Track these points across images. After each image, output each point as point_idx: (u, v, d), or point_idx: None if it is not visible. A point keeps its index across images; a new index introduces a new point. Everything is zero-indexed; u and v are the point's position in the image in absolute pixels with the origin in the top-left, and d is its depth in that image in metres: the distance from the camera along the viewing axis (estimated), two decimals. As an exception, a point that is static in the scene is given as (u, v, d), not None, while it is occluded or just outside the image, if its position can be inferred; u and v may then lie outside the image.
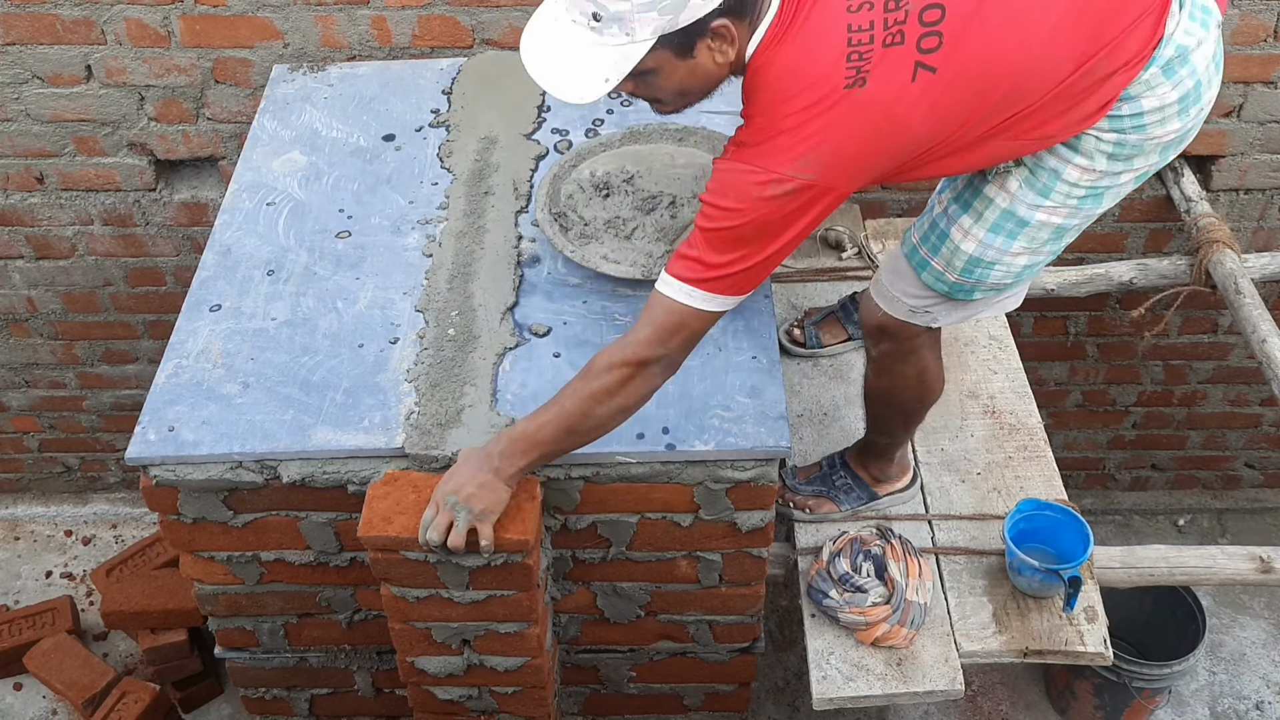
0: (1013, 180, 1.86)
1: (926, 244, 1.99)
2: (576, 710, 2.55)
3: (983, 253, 1.92)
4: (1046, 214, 1.87)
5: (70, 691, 3.20)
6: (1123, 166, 1.83)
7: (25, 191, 3.10)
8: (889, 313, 2.07)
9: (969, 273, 1.95)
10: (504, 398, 2.06)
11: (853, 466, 2.40)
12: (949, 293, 1.99)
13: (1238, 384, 3.54)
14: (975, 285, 1.97)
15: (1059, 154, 1.81)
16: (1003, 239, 1.90)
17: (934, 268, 1.98)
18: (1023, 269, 1.95)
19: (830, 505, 2.40)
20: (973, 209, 1.91)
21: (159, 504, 2.07)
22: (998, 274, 1.95)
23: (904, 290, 2.04)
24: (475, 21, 2.79)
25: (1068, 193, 1.85)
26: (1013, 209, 1.88)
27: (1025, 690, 3.39)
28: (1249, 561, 2.36)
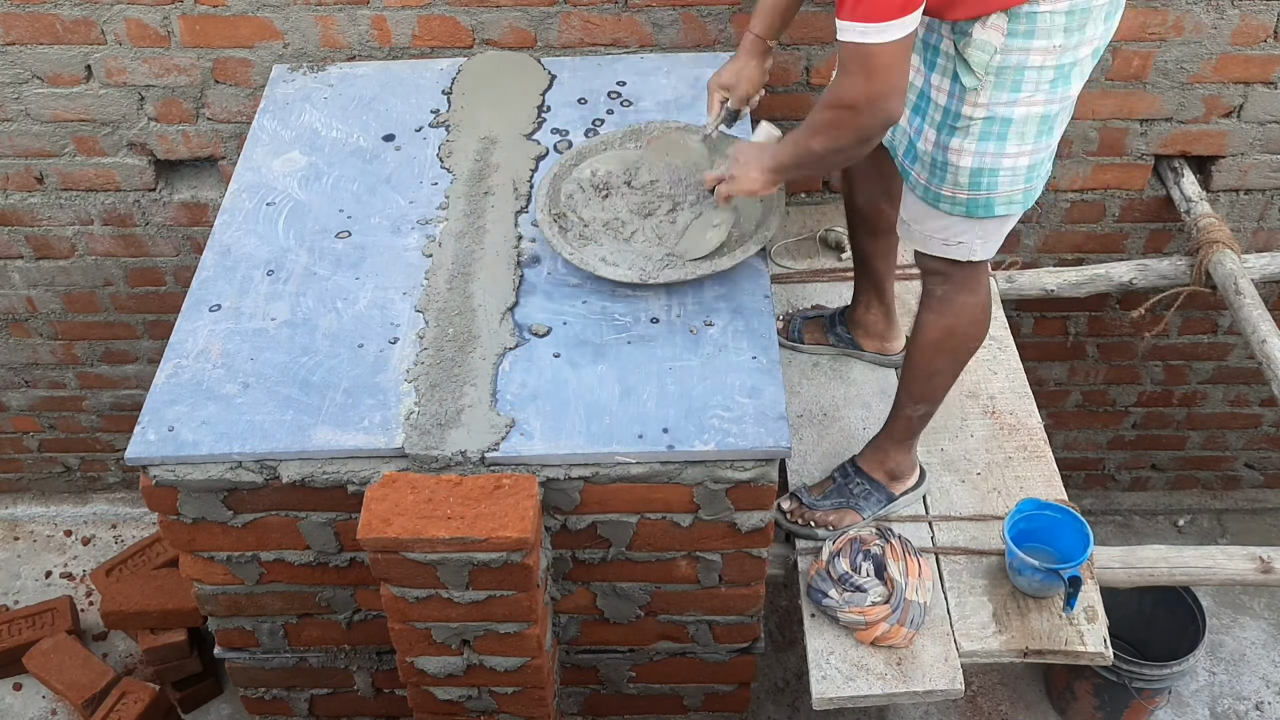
0: (982, 93, 1.94)
1: (934, 179, 2.07)
2: (576, 710, 2.55)
3: (981, 162, 2.00)
4: (1025, 107, 1.94)
5: (70, 692, 3.20)
6: (1078, 38, 1.89)
7: (25, 191, 3.10)
8: (932, 254, 2.15)
9: (976, 185, 2.02)
10: (504, 398, 2.06)
11: (866, 470, 2.40)
12: (968, 211, 2.06)
13: (1238, 384, 3.54)
14: (990, 197, 2.04)
15: (1019, 45, 1.88)
16: (994, 143, 1.98)
17: (945, 195, 2.06)
18: (1027, 170, 2.02)
19: (853, 515, 2.38)
20: (957, 130, 1.99)
21: (159, 504, 2.07)
22: (1005, 180, 2.02)
23: (931, 228, 2.13)
24: (475, 21, 2.79)
25: (1037, 80, 1.91)
26: (993, 114, 1.95)
27: (1025, 690, 3.39)
28: (1249, 561, 2.36)
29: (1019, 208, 2.07)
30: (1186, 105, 2.91)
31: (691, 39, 2.79)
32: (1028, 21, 1.85)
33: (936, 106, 2.01)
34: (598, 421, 2.02)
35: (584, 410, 2.04)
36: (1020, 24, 1.86)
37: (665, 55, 2.78)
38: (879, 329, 2.64)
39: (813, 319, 2.72)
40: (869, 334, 2.65)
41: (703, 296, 2.23)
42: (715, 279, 2.25)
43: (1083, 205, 3.12)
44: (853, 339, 2.67)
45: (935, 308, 2.23)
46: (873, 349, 2.66)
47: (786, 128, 2.93)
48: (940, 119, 2.01)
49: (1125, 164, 3.03)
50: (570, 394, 2.06)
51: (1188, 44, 2.80)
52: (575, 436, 2.00)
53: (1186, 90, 2.88)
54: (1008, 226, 2.12)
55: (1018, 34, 1.87)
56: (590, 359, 2.12)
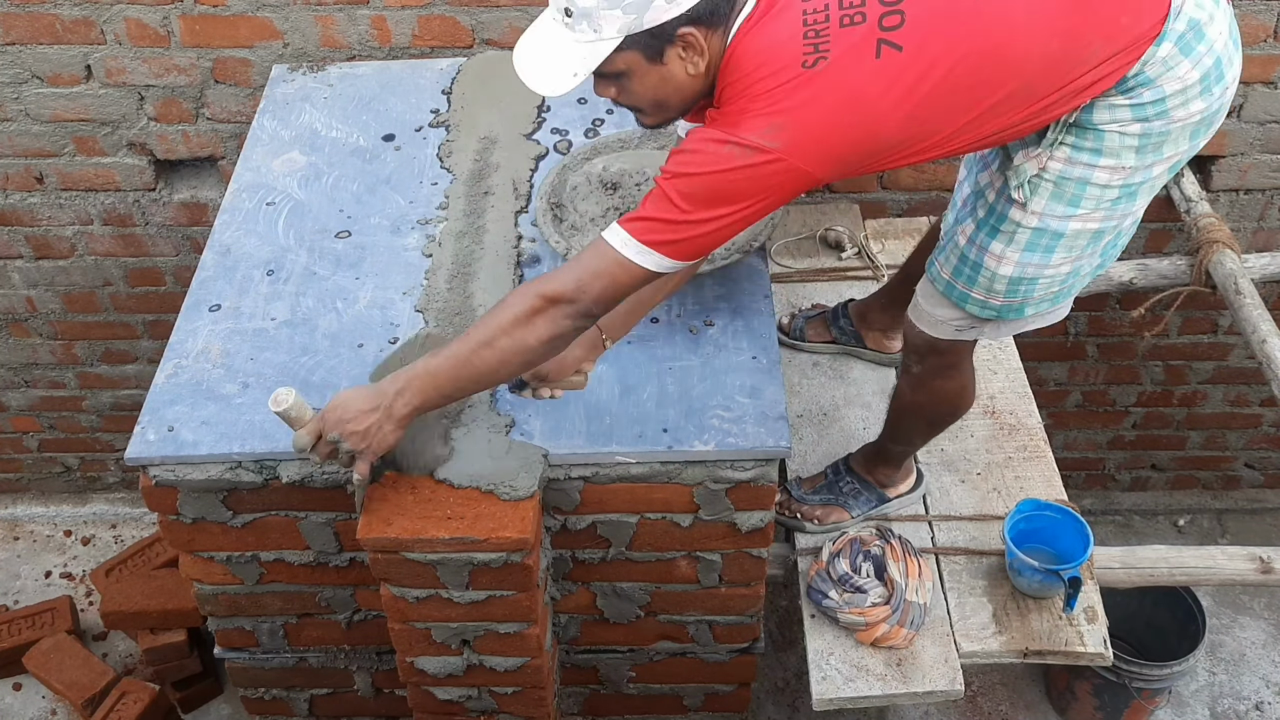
0: (1037, 200, 1.81)
1: (961, 277, 1.94)
2: (576, 710, 2.55)
3: (1023, 272, 1.88)
4: (1080, 223, 1.82)
5: (70, 691, 3.20)
6: (1153, 158, 1.76)
7: (25, 191, 3.10)
8: (936, 335, 2.05)
9: (1014, 293, 1.91)
10: (504, 397, 2.05)
11: (859, 471, 2.39)
12: (999, 315, 1.96)
13: (1238, 384, 3.54)
14: (1024, 303, 1.93)
15: (1083, 160, 1.76)
16: (1040, 255, 1.85)
17: (975, 298, 1.94)
18: (1067, 276, 1.91)
19: (841, 513, 2.37)
20: (1001, 233, 1.86)
21: (158, 504, 2.07)
22: (1043, 286, 1.91)
23: (948, 316, 2.02)
24: (475, 21, 2.79)
25: (1099, 196, 1.79)
26: (1044, 225, 1.83)
27: (1025, 690, 3.39)
28: (1249, 562, 2.36)
29: (1048, 305, 1.96)
30: (1186, 105, 2.90)
31: (691, 39, 2.78)
32: (1094, 139, 1.74)
33: (984, 201, 1.91)
34: (597, 421, 2.02)
35: (584, 410, 2.04)
36: (1085, 142, 1.75)
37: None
38: (884, 325, 2.61)
39: (815, 317, 2.71)
40: (873, 329, 2.63)
41: (703, 296, 2.23)
42: (715, 279, 2.25)
43: (1083, 205, 3.12)
44: (856, 332, 2.65)
45: (911, 384, 2.19)
46: (874, 345, 2.65)
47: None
48: (984, 215, 1.90)
49: (1125, 164, 3.03)
50: (570, 394, 2.06)
51: (1188, 44, 2.79)
52: (575, 436, 2.00)
53: (1186, 90, 2.88)
54: (1031, 323, 2.03)
55: (1082, 149, 1.75)
56: (590, 359, 2.12)
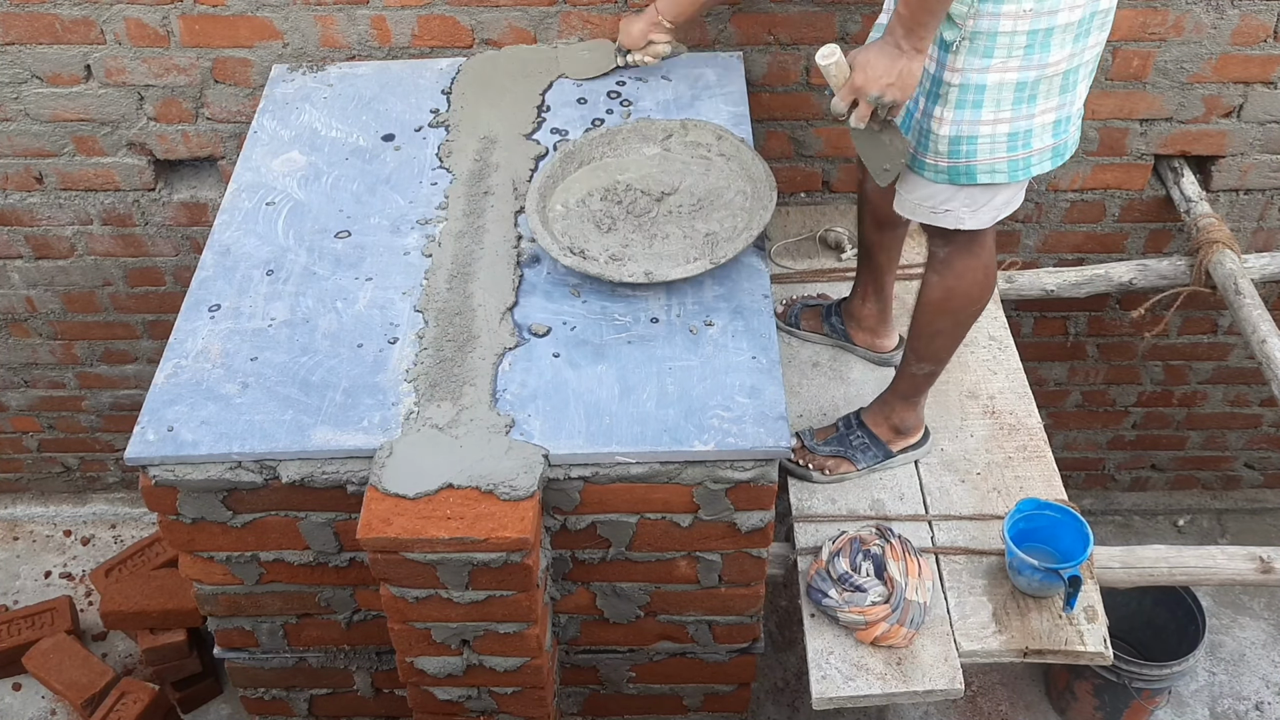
0: (959, 57, 1.98)
1: (920, 147, 2.11)
2: (576, 710, 2.55)
3: (958, 130, 2.04)
4: (998, 74, 1.98)
5: (69, 692, 3.20)
6: (1050, 4, 1.91)
7: (25, 191, 3.10)
8: (919, 220, 2.20)
9: (955, 153, 2.07)
10: (504, 398, 2.06)
11: (869, 425, 2.48)
12: (950, 179, 2.10)
13: (1238, 384, 3.54)
14: (970, 165, 2.07)
15: (989, 10, 1.91)
16: (970, 110, 2.02)
17: (928, 163, 2.11)
18: (1008, 138, 2.04)
19: (848, 465, 2.47)
20: (939, 97, 2.04)
21: (158, 504, 2.07)
22: (983, 147, 2.05)
23: (919, 195, 2.17)
24: (475, 21, 2.79)
25: (1010, 44, 1.94)
26: (966, 81, 2.00)
27: (1025, 690, 3.39)
28: (1249, 561, 2.36)
29: (1004, 177, 2.08)
30: (1186, 105, 2.91)
31: (691, 39, 2.78)
32: None
33: (926, 74, 2.05)
34: (597, 421, 2.02)
35: (584, 410, 2.04)
36: None
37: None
38: (871, 324, 2.65)
39: (812, 306, 2.76)
40: (861, 328, 2.67)
41: (703, 296, 2.23)
42: (715, 279, 2.25)
43: (1083, 205, 3.12)
44: (846, 331, 2.69)
45: (937, 269, 2.29)
46: (863, 344, 2.68)
47: (785, 129, 2.95)
48: (928, 87, 2.06)
49: (1125, 164, 3.03)
50: (570, 394, 2.06)
51: (1188, 44, 2.80)
52: (575, 436, 2.00)
53: (1186, 90, 2.88)
54: (998, 197, 2.13)
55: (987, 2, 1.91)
56: (590, 359, 2.12)
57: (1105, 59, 2.81)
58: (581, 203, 2.35)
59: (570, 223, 2.31)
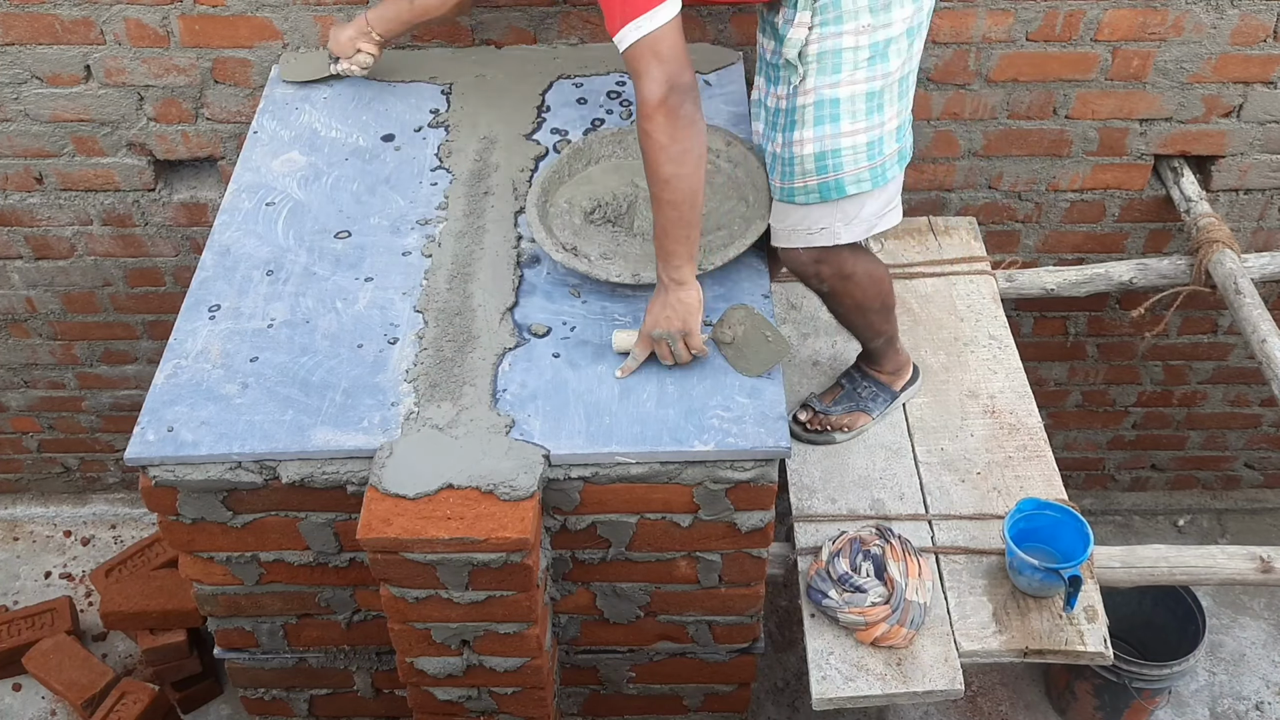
0: (808, 79, 2.08)
1: (786, 178, 2.18)
2: (576, 710, 2.55)
3: (821, 145, 2.12)
4: (849, 87, 2.07)
5: (69, 692, 3.20)
6: (884, 17, 2.02)
7: (24, 191, 3.10)
8: (799, 248, 2.24)
9: (823, 169, 2.13)
10: (504, 398, 2.06)
11: (870, 373, 2.57)
12: (822, 196, 2.16)
13: (1238, 384, 3.54)
14: (838, 178, 2.14)
15: (831, 31, 2.02)
16: (829, 125, 2.10)
17: (797, 188, 2.17)
18: (867, 147, 2.12)
19: (864, 417, 2.56)
20: (795, 123, 2.12)
21: (158, 504, 2.07)
22: (848, 159, 2.12)
23: (793, 224, 2.22)
24: (475, 21, 2.79)
25: (854, 59, 2.04)
26: (821, 98, 2.08)
27: (1025, 690, 3.39)
28: (1249, 561, 2.36)
29: (869, 185, 2.15)
30: (1186, 105, 2.91)
31: (690, 38, 2.78)
32: (834, 8, 2.00)
33: (778, 111, 2.16)
34: (597, 421, 2.02)
35: (584, 410, 2.04)
36: (829, 13, 2.01)
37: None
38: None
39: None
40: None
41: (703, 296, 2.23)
42: (715, 279, 2.24)
43: (1082, 205, 3.12)
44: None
45: (829, 300, 2.39)
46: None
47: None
48: (782, 120, 2.15)
49: (1125, 164, 3.03)
50: (570, 394, 2.06)
51: (1187, 44, 2.80)
52: (575, 436, 2.00)
53: (1186, 90, 2.88)
54: (866, 208, 2.20)
55: (828, 21, 2.01)
56: (590, 359, 2.12)
57: (1105, 59, 2.82)
58: (583, 202, 2.35)
59: (571, 221, 2.31)
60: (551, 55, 2.78)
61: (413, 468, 1.96)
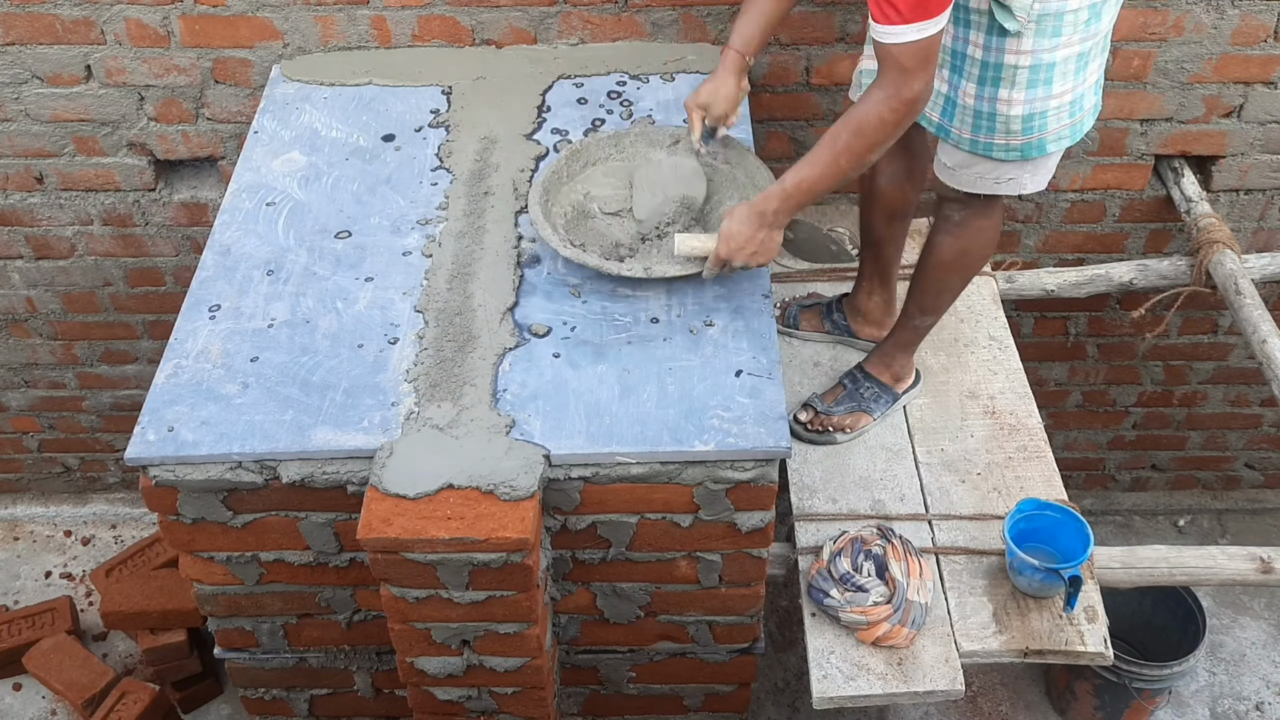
0: (1024, 40, 2.03)
1: (980, 131, 2.15)
2: (576, 710, 2.55)
3: (1032, 108, 2.10)
4: (1065, 49, 2.04)
5: (70, 692, 3.20)
6: None
7: (25, 191, 3.10)
8: (978, 191, 2.24)
9: (1029, 129, 2.12)
10: (504, 398, 2.06)
11: (874, 374, 2.56)
12: (1023, 154, 2.16)
13: (1238, 384, 3.54)
14: (1042, 138, 2.14)
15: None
16: (1042, 89, 2.07)
17: (998, 144, 2.15)
18: (1070, 105, 2.12)
19: (865, 417, 2.55)
20: (1004, 80, 2.08)
21: (158, 504, 2.07)
22: (1053, 119, 2.12)
23: (981, 170, 2.21)
24: (475, 21, 2.79)
25: (1074, 22, 2.01)
26: (1038, 61, 2.05)
27: (1025, 690, 3.39)
28: (1249, 562, 2.36)
29: (1068, 141, 2.17)
30: (1186, 105, 2.91)
31: (691, 39, 2.79)
32: None
33: (974, 61, 2.10)
34: (598, 421, 2.02)
35: (584, 410, 2.04)
36: None
37: (665, 55, 2.78)
38: (877, 316, 2.68)
39: (809, 307, 2.76)
40: (867, 321, 2.69)
41: (703, 296, 2.23)
42: (715, 279, 2.24)
43: (1083, 205, 3.12)
44: (849, 326, 2.70)
45: (952, 230, 2.35)
46: (868, 336, 2.70)
47: (785, 129, 2.95)
48: (980, 73, 2.10)
49: (1125, 164, 3.03)
50: (570, 394, 2.06)
51: (1188, 44, 2.80)
52: (575, 436, 2.00)
53: (1186, 90, 2.88)
54: (1056, 160, 2.23)
55: None
56: (590, 359, 2.12)
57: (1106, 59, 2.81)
58: (584, 201, 2.35)
59: (572, 220, 2.31)
60: (551, 55, 2.78)
61: (413, 468, 1.96)
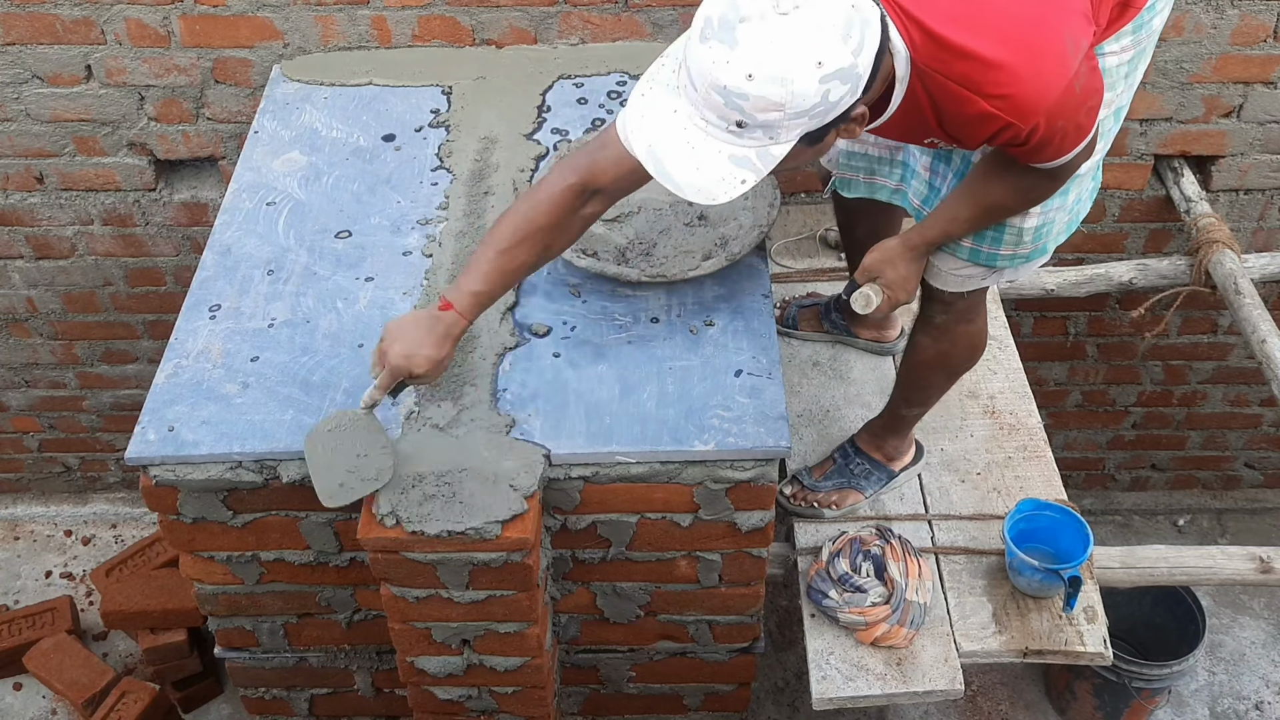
0: None
1: (985, 242, 2.00)
2: (576, 710, 2.55)
3: (1044, 220, 1.98)
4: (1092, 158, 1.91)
5: (70, 691, 3.20)
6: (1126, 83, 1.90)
7: (25, 191, 3.10)
8: (961, 290, 2.10)
9: (1039, 238, 2.01)
10: (504, 397, 2.06)
11: (866, 450, 2.42)
12: (1028, 260, 2.05)
13: (1238, 384, 3.54)
14: (1048, 241, 2.03)
15: None
16: (1058, 198, 1.95)
17: (1004, 255, 2.02)
18: (1074, 205, 2.02)
19: (855, 495, 2.41)
20: None
21: (159, 504, 2.07)
22: (1060, 222, 2.01)
23: (975, 275, 2.08)
24: (475, 21, 2.79)
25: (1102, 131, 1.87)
26: None
27: (1025, 690, 3.39)
28: (1249, 561, 2.36)
29: (1064, 236, 2.06)
30: (1186, 105, 2.91)
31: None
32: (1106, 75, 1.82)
33: None
34: (598, 421, 2.02)
35: (584, 410, 2.04)
36: None
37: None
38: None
39: (808, 307, 2.74)
40: (866, 322, 2.65)
41: (703, 296, 2.23)
42: (715, 279, 2.25)
43: (1083, 205, 3.12)
44: (847, 326, 2.68)
45: (932, 334, 2.22)
46: (868, 336, 2.68)
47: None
48: None
49: (1125, 164, 3.03)
50: (570, 393, 2.06)
51: (1187, 44, 2.80)
52: (575, 436, 2.00)
53: (1186, 90, 2.88)
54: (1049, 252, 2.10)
55: None
56: (590, 359, 2.13)
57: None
58: None
59: None
60: (552, 55, 2.78)
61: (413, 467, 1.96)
